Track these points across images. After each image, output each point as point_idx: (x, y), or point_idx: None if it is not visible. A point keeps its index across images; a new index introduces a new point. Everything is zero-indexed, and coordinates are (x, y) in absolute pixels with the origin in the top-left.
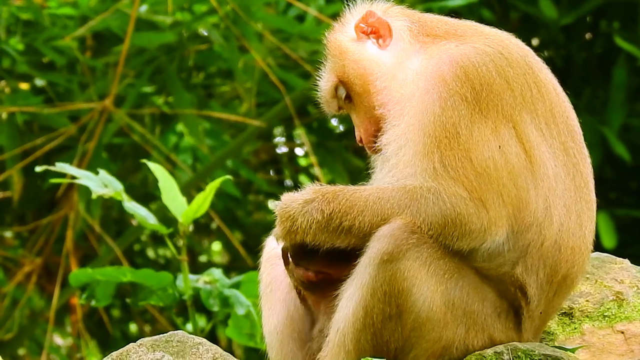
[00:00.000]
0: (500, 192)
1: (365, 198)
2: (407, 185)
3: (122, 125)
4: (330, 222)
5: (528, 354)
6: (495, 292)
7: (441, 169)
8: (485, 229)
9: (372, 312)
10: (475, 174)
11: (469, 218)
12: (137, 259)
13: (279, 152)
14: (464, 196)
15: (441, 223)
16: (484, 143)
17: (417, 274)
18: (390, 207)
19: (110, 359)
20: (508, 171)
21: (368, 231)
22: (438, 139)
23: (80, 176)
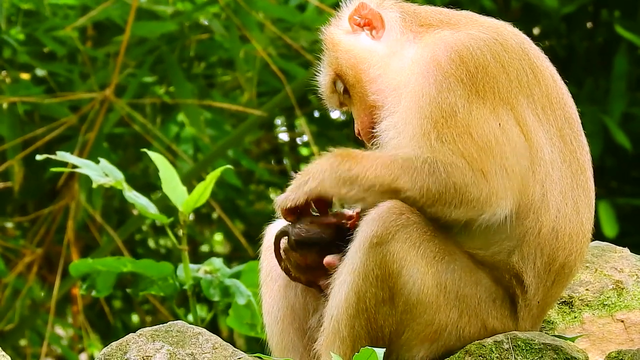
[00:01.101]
0: (503, 166)
1: (373, 159)
2: (403, 156)
3: (123, 115)
4: (340, 166)
5: (528, 343)
6: (490, 277)
7: (438, 145)
8: (484, 199)
9: (364, 297)
10: (476, 147)
11: (466, 188)
12: (138, 249)
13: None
14: (461, 166)
15: (437, 191)
16: (484, 121)
17: (407, 256)
18: (391, 172)
19: (110, 349)
20: (511, 148)
21: (370, 188)
22: (434, 119)
23: (81, 165)
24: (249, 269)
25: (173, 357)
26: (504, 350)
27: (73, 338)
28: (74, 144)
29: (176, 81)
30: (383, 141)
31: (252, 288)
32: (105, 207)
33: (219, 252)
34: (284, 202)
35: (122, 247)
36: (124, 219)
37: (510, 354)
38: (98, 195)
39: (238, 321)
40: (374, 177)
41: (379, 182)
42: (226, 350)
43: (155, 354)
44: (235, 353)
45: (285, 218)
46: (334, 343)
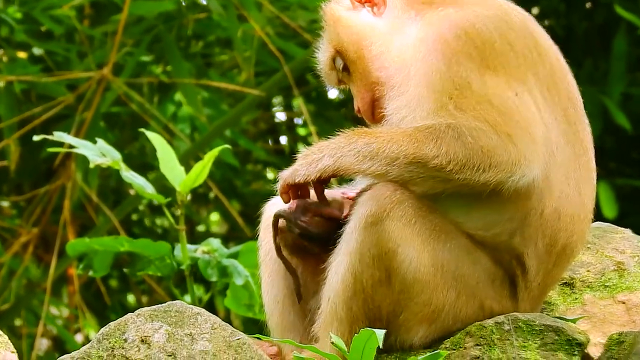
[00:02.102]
0: (527, 130)
1: (392, 132)
2: (425, 125)
3: (120, 94)
4: (358, 141)
5: (529, 324)
6: (489, 258)
7: (458, 113)
8: (513, 161)
9: (361, 278)
10: (498, 112)
11: (494, 150)
12: (134, 228)
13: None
14: (486, 129)
15: (465, 155)
16: (500, 90)
17: (402, 234)
18: (414, 141)
19: (108, 329)
20: (531, 115)
21: (393, 161)
22: (449, 92)
23: (77, 145)
24: (247, 249)
25: (172, 337)
26: (505, 331)
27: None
28: (71, 123)
29: (173, 60)
30: (394, 121)
31: (250, 269)
32: (102, 187)
33: (215, 232)
34: (291, 177)
35: (119, 227)
36: (120, 199)
37: (511, 335)
38: (94, 175)
39: (235, 302)
40: (397, 149)
41: (402, 153)
42: (225, 331)
43: (153, 334)
44: (234, 333)
45: (283, 195)
46: (332, 325)
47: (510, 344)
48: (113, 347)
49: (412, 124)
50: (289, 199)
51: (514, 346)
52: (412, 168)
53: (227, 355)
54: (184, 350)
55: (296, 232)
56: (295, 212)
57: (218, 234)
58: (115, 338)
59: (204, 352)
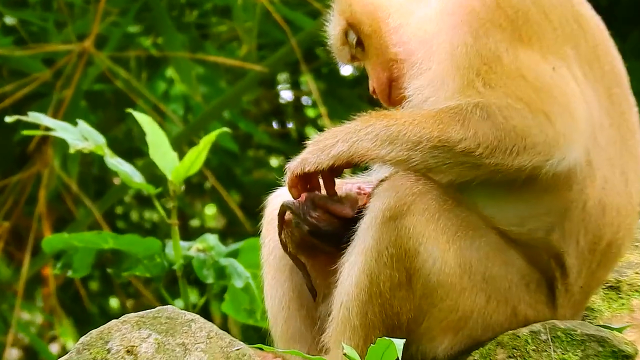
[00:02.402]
0: (567, 107)
1: (413, 114)
2: (449, 105)
3: (104, 70)
4: (376, 125)
5: (569, 334)
6: (523, 258)
7: (487, 90)
8: (550, 142)
9: (378, 280)
10: (532, 88)
11: (529, 130)
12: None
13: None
14: (519, 107)
15: (496, 136)
16: (535, 63)
17: (425, 231)
18: (438, 122)
19: (89, 338)
20: (571, 91)
21: (416, 145)
22: (476, 68)
23: (55, 127)
24: (248, 246)
25: (161, 348)
26: (542, 341)
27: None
28: (48, 103)
29: (165, 31)
30: (416, 103)
31: (250, 269)
32: (83, 175)
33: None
34: (300, 167)
35: (102, 221)
36: (103, 189)
37: (549, 346)
38: (74, 161)
39: (235, 307)
40: (419, 131)
41: (426, 136)
42: (222, 340)
43: (141, 343)
44: (232, 343)
45: (292, 188)
46: (344, 334)
47: (548, 356)
48: (94, 359)
49: (436, 106)
50: (299, 193)
51: (551, 358)
52: (437, 153)
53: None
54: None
55: (305, 229)
56: (305, 206)
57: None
58: (97, 348)
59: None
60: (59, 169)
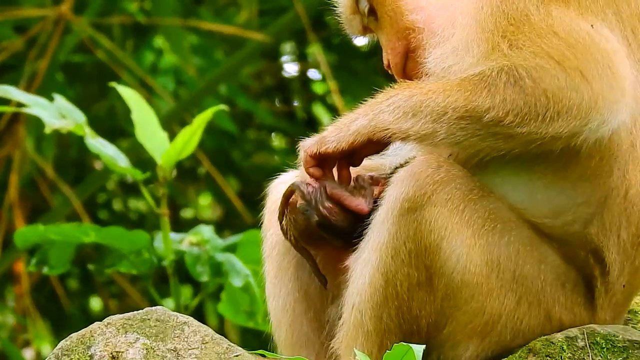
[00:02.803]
0: (606, 64)
1: (436, 84)
2: (473, 72)
3: (84, 39)
4: (397, 96)
5: (609, 340)
6: (558, 254)
7: (513, 52)
8: (588, 104)
9: (394, 280)
10: (566, 44)
11: (562, 92)
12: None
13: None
14: (549, 67)
15: (525, 102)
16: (569, 20)
17: (448, 223)
18: (463, 91)
19: (69, 342)
20: (613, 48)
21: (441, 116)
22: (502, 29)
23: (29, 103)
24: (247, 240)
25: (150, 354)
26: (579, 348)
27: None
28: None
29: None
30: (438, 72)
31: (250, 265)
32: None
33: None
34: (317, 145)
35: (81, 211)
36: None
37: (587, 354)
38: (50, 142)
39: (233, 308)
40: (443, 101)
41: (451, 105)
42: (219, 346)
43: (127, 349)
44: (230, 349)
45: (309, 169)
46: (356, 339)
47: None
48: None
49: (460, 74)
50: (320, 174)
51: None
52: (465, 124)
53: None
54: None
55: (314, 220)
56: (318, 193)
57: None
58: (78, 354)
59: None
60: (33, 151)
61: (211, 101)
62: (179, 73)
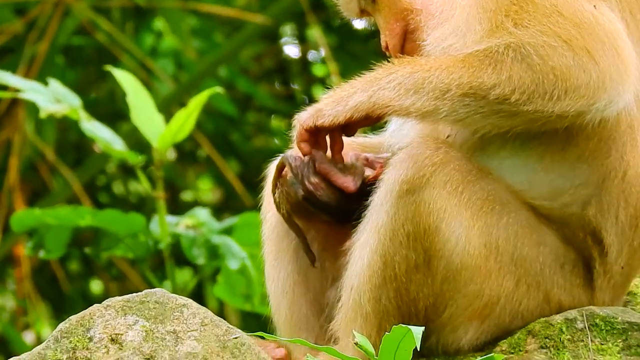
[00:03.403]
0: (612, 45)
1: (439, 59)
2: (479, 48)
3: (84, 22)
4: (399, 72)
5: (608, 322)
6: (557, 236)
7: (519, 30)
8: (595, 83)
9: (393, 262)
10: (572, 24)
11: (569, 71)
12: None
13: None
14: (557, 45)
15: (532, 80)
16: (572, 0)
17: (446, 205)
18: (468, 66)
19: (68, 324)
20: (616, 29)
21: (444, 92)
22: (505, 9)
23: (26, 88)
24: (245, 222)
25: (150, 336)
26: (578, 330)
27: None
28: (19, 59)
29: None
30: (436, 52)
31: (248, 248)
32: (59, 142)
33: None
34: (313, 118)
35: (81, 194)
36: (82, 158)
37: (586, 336)
38: (50, 126)
39: (229, 291)
40: (447, 78)
41: (455, 82)
42: (218, 328)
43: (127, 331)
44: (229, 331)
45: (301, 142)
46: (355, 322)
47: (585, 347)
48: (75, 348)
49: (463, 51)
50: (309, 150)
51: (589, 349)
52: (469, 101)
53: (221, 359)
54: (166, 352)
55: (300, 194)
56: (305, 168)
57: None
58: (78, 336)
59: (192, 354)
60: (33, 134)
61: (211, 84)
62: (179, 56)
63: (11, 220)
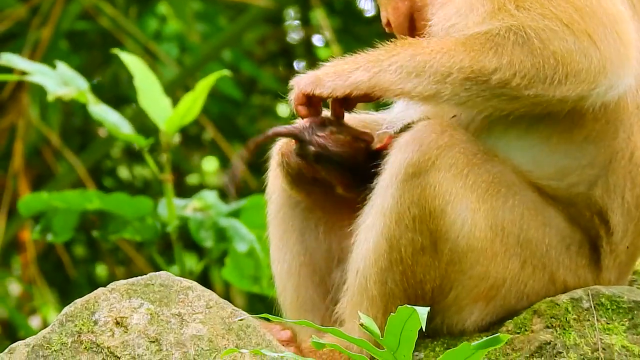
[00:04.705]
0: (614, 29)
1: (441, 41)
2: (480, 30)
3: (87, 6)
4: (400, 54)
5: (614, 301)
6: (563, 217)
7: (522, 12)
8: (596, 68)
9: (399, 245)
10: (573, 8)
11: (570, 55)
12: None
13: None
14: (558, 29)
15: (533, 64)
16: None
17: (452, 188)
18: (469, 50)
19: (73, 308)
20: (619, 13)
21: (445, 76)
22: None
23: (32, 71)
24: (251, 205)
25: (155, 319)
26: (584, 309)
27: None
28: (23, 44)
29: None
30: (440, 32)
31: (255, 230)
32: (64, 126)
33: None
34: (311, 86)
35: (86, 178)
36: (87, 142)
37: (592, 315)
38: (55, 110)
39: (237, 273)
40: (448, 61)
41: (456, 66)
42: (224, 310)
43: (132, 314)
44: (235, 313)
45: (300, 107)
46: (361, 304)
47: (591, 326)
48: (80, 332)
49: (464, 32)
50: (307, 113)
51: (595, 329)
52: (470, 85)
53: (226, 341)
54: (171, 335)
55: (311, 152)
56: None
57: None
58: (83, 320)
59: (197, 337)
60: (37, 119)
61: (215, 67)
62: (183, 39)
63: (18, 204)
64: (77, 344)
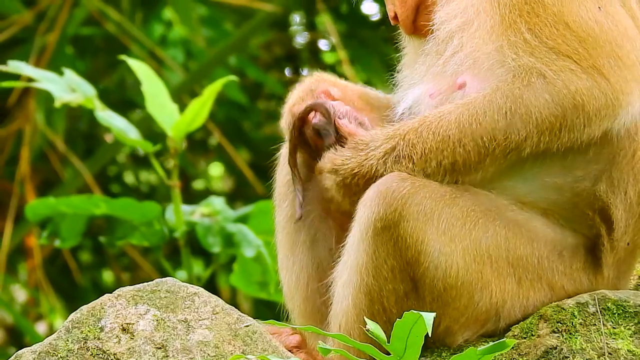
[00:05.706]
0: (616, 55)
1: (456, 122)
2: (499, 84)
3: (93, 12)
4: (426, 166)
5: (620, 305)
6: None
7: (534, 39)
8: (612, 102)
9: (380, 297)
10: (578, 40)
11: (588, 94)
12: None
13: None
14: (572, 68)
15: (558, 112)
16: (578, 4)
17: (422, 236)
18: (492, 119)
19: (79, 314)
20: (620, 33)
21: (480, 160)
22: (517, 5)
23: (39, 78)
24: (259, 210)
25: (161, 325)
26: (590, 314)
27: (28, 302)
28: (29, 50)
29: None
30: (443, 34)
31: (263, 236)
32: (70, 132)
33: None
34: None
35: (92, 184)
36: (94, 147)
37: (598, 320)
38: (61, 116)
39: (245, 279)
40: (475, 150)
41: (484, 147)
42: (230, 316)
43: (138, 320)
44: (241, 319)
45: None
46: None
47: (597, 331)
48: (86, 338)
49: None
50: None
51: (601, 333)
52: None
53: (233, 347)
54: (177, 341)
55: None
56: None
57: (221, 192)
58: (89, 326)
59: (203, 343)
60: (44, 124)
61: (221, 72)
62: (189, 45)
63: (26, 210)
64: (84, 351)
